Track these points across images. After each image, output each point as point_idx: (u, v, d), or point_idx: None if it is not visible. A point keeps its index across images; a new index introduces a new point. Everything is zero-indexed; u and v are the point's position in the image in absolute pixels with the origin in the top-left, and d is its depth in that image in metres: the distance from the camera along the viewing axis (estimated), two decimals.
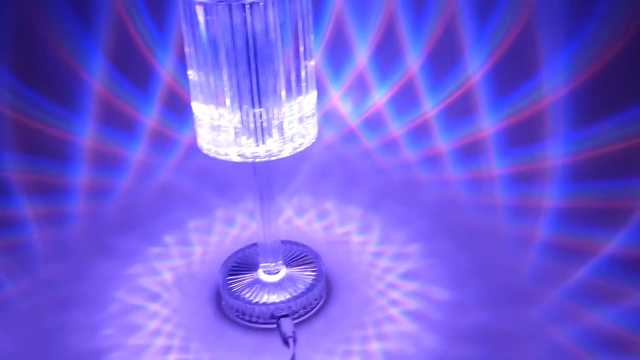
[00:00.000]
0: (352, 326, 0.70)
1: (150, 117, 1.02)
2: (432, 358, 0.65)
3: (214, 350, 0.68)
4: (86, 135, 1.01)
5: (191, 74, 0.61)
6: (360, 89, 0.99)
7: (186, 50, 0.60)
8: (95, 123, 1.02)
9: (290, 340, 0.67)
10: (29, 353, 0.68)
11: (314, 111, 0.64)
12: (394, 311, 0.72)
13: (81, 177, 0.98)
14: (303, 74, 0.60)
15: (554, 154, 0.89)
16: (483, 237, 0.83)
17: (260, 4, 0.54)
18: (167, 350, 0.68)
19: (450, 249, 0.81)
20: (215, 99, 0.59)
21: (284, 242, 0.80)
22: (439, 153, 0.95)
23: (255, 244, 0.78)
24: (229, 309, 0.72)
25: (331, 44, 1.04)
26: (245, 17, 0.54)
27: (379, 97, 0.98)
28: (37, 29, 1.00)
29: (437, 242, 0.83)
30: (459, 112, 0.95)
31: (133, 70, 1.02)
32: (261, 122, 0.59)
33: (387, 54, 1.02)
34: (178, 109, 1.02)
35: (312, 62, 0.62)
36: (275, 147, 0.62)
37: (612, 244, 0.78)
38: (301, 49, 0.59)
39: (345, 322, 0.71)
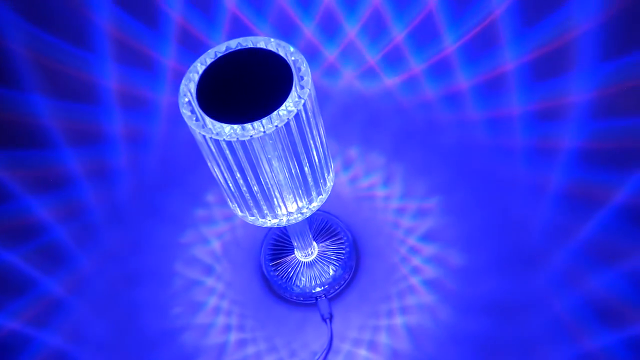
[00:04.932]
0: (379, 299, 0.82)
1: (168, 57, 1.01)
2: (446, 331, 0.78)
3: (265, 328, 0.82)
4: (110, 77, 1.02)
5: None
6: (377, 24, 0.93)
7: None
8: (115, 64, 1.02)
9: (327, 321, 0.80)
10: (117, 335, 0.84)
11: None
12: (414, 280, 0.83)
13: (116, 123, 1.02)
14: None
15: (579, 89, 0.87)
16: (500, 187, 0.88)
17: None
18: (227, 329, 0.82)
19: (467, 203, 0.87)
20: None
21: None
22: (459, 90, 0.94)
23: None
24: (276, 287, 0.84)
25: None
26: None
27: (398, 32, 0.93)
28: None
29: (456, 195, 0.88)
30: (481, 45, 0.91)
31: (140, 10, 0.98)
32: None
33: None
34: (194, 47, 1.00)
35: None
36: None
37: (624, 190, 0.82)
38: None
39: (374, 294, 0.83)
